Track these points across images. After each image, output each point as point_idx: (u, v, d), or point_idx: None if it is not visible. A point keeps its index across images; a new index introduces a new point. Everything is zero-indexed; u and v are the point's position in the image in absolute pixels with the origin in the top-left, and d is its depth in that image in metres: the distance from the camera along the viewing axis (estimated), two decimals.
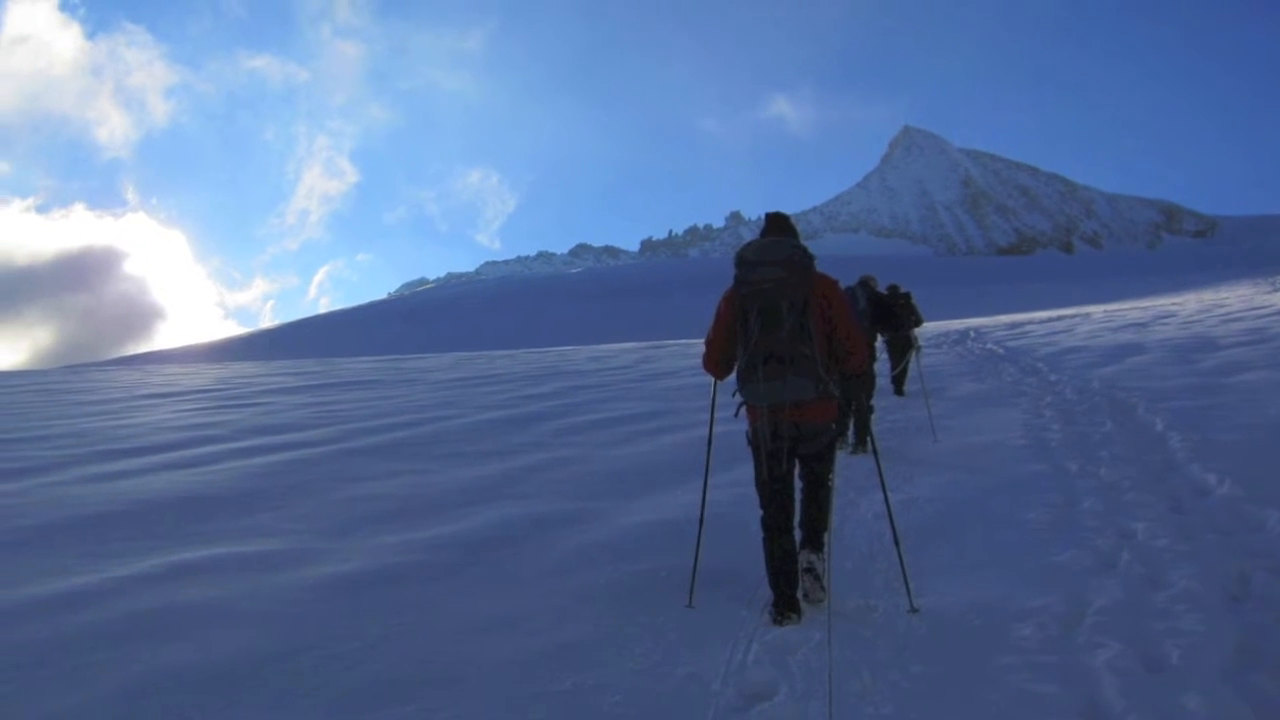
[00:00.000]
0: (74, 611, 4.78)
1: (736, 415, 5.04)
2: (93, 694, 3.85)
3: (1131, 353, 16.53)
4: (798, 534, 5.02)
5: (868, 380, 9.43)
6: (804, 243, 4.99)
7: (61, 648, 4.32)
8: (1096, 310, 36.57)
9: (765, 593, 4.95)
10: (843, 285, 5.79)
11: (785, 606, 4.74)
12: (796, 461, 5.01)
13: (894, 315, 12.56)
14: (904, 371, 14.52)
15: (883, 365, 14.05)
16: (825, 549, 5.03)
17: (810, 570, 4.99)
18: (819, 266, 4.94)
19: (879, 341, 12.79)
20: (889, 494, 5.41)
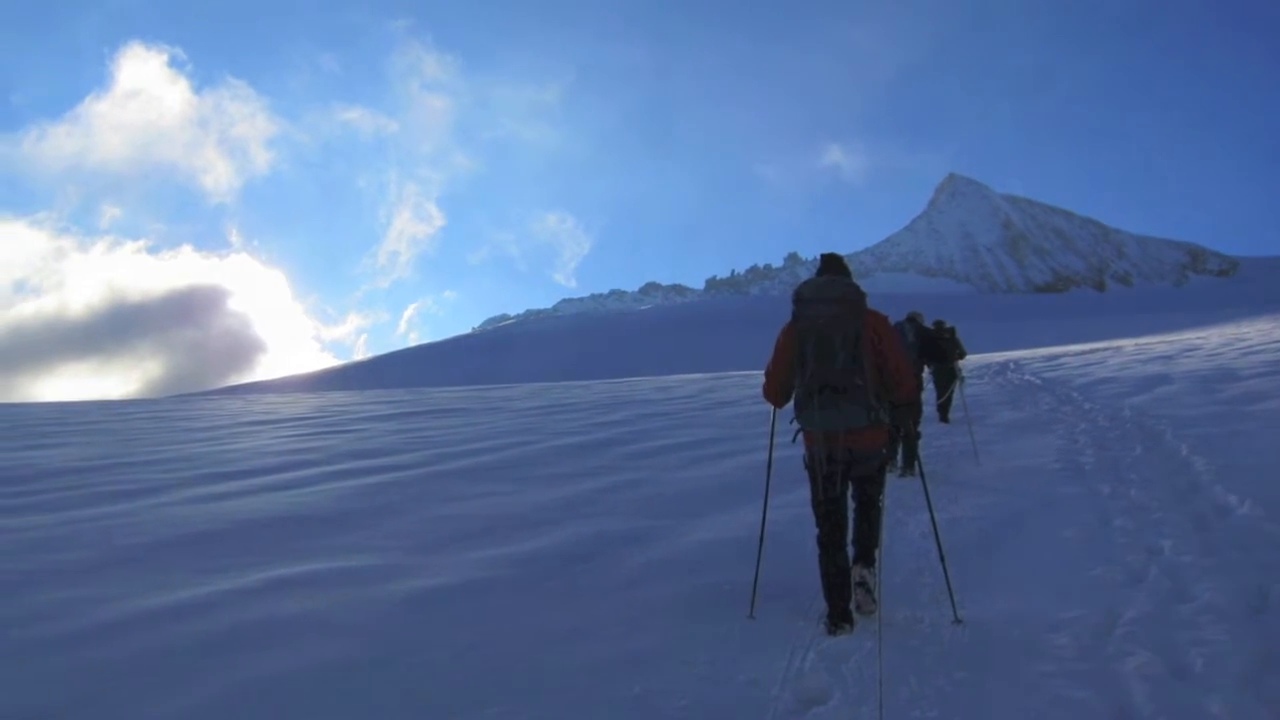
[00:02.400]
0: (181, 622, 4.85)
1: (794, 441, 5.03)
2: (197, 699, 3.90)
3: (1159, 383, 16.21)
4: (851, 551, 5.00)
5: (915, 408, 9.32)
6: (856, 281, 4.98)
7: (169, 656, 4.38)
8: (1127, 344, 35.78)
9: (820, 605, 4.92)
10: (892, 321, 5.75)
11: (839, 618, 4.71)
12: (850, 484, 4.99)
13: (939, 348, 12.42)
14: (949, 400, 14.33)
15: (929, 395, 13.89)
16: (876, 564, 4.98)
17: (862, 584, 4.96)
18: (870, 303, 4.94)
19: (925, 372, 12.63)
20: (935, 514, 5.36)
